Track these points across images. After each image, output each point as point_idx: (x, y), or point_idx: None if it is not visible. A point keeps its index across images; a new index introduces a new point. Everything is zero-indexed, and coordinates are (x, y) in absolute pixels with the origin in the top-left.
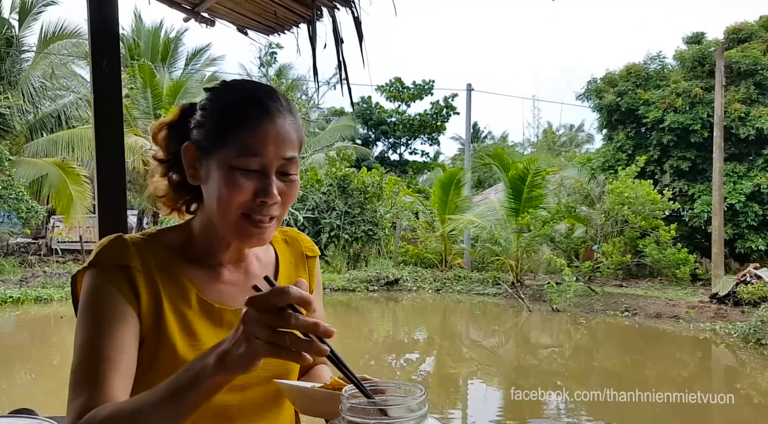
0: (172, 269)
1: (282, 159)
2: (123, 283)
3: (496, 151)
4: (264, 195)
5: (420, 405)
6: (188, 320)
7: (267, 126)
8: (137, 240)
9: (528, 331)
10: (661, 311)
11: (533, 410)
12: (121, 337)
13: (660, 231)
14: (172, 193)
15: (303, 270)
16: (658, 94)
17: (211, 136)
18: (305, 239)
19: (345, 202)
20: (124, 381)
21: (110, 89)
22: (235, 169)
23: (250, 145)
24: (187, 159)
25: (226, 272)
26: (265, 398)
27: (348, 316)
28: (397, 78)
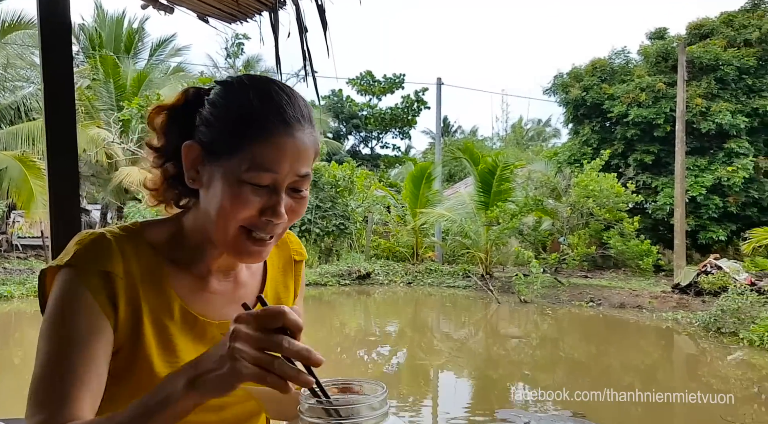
0: (157, 276)
1: (296, 176)
2: (101, 291)
3: (466, 145)
4: (272, 214)
5: (381, 403)
6: (169, 333)
7: (286, 140)
8: (120, 238)
9: (497, 322)
10: (625, 301)
11: (502, 400)
12: (94, 353)
13: (624, 223)
14: (166, 186)
15: (290, 275)
16: (622, 88)
17: (221, 141)
18: (294, 241)
19: (316, 196)
20: (92, 400)
21: (62, 79)
22: (244, 183)
23: (265, 159)
24: (189, 160)
25: (214, 280)
26: (242, 416)
27: (320, 310)
28: (368, 71)
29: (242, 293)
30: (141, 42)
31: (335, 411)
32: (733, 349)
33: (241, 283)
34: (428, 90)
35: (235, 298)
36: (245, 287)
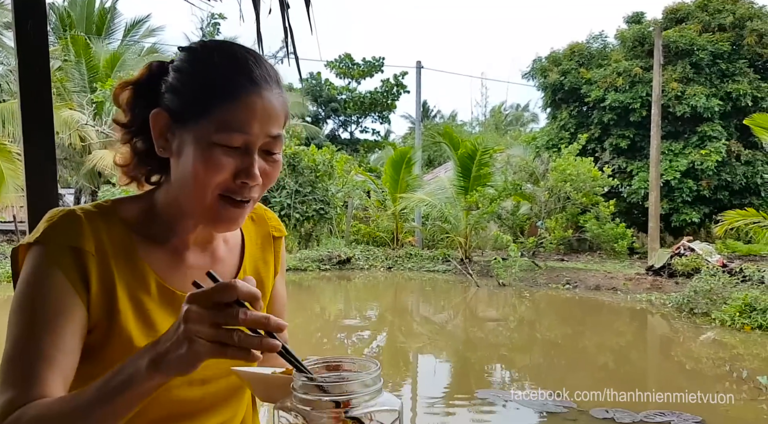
0: (130, 251)
1: (267, 137)
2: (72, 268)
3: (445, 130)
4: (246, 176)
5: (375, 380)
6: (146, 308)
7: (254, 99)
8: (91, 214)
9: (476, 305)
10: (601, 284)
11: (481, 381)
12: (63, 332)
13: (600, 207)
14: (136, 162)
15: (269, 251)
16: (600, 73)
17: (189, 105)
18: (272, 218)
19: (296, 180)
20: (62, 379)
21: (37, 55)
22: (215, 145)
23: (235, 120)
24: (158, 128)
25: (190, 255)
26: (227, 390)
27: (300, 295)
28: (347, 54)
29: (220, 268)
30: (113, 22)
31: (328, 387)
32: (706, 329)
33: (219, 258)
34: (408, 74)
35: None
36: (223, 263)
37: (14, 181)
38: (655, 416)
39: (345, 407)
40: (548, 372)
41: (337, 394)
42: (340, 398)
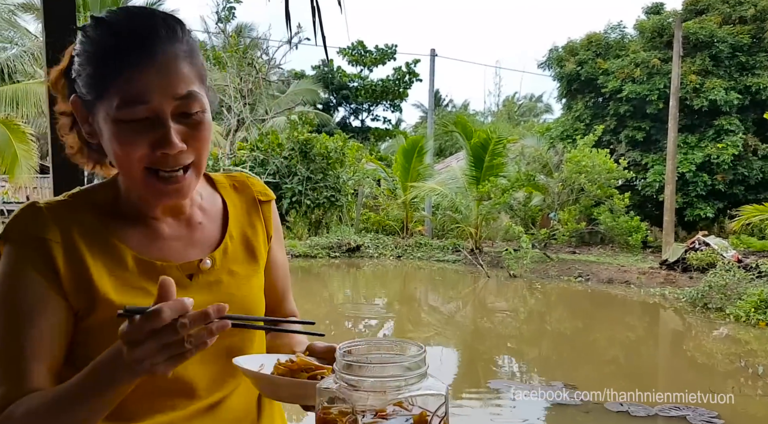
0: (102, 234)
1: (175, 99)
2: (38, 259)
3: (458, 119)
4: (162, 146)
5: (419, 364)
6: (129, 283)
7: (145, 65)
8: (55, 206)
9: (486, 296)
10: (613, 277)
11: (490, 372)
12: (42, 325)
13: (614, 199)
14: (85, 148)
15: (256, 217)
16: (617, 63)
17: (89, 87)
18: (256, 183)
19: (307, 167)
20: (48, 371)
21: (64, 34)
22: (120, 122)
23: (130, 91)
24: (78, 115)
25: (165, 226)
26: (226, 368)
27: (309, 282)
28: (360, 41)
29: (200, 235)
30: (127, 4)
31: (370, 370)
32: (720, 324)
33: (196, 225)
34: (420, 62)
35: (193, 241)
36: (202, 230)
37: (28, 162)
38: (669, 411)
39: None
40: (560, 365)
41: (379, 376)
42: (382, 381)
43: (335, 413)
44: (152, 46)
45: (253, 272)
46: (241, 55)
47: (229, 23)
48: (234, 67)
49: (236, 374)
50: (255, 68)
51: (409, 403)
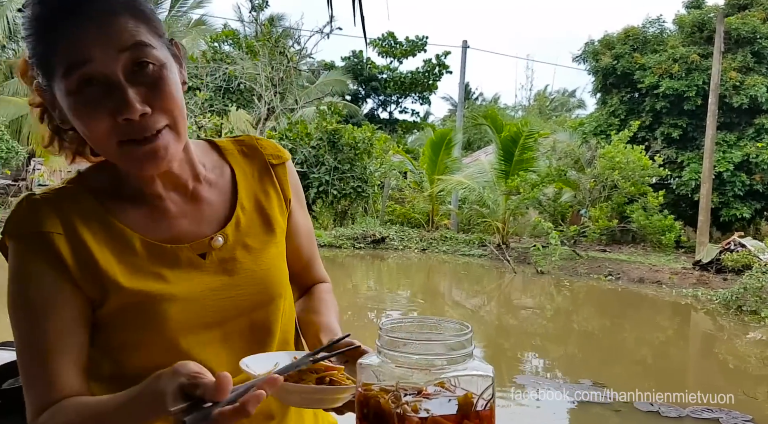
0: (106, 220)
1: (120, 53)
2: (43, 253)
3: (489, 112)
4: (122, 111)
5: (464, 344)
6: (140, 267)
7: (80, 25)
8: (52, 196)
9: (511, 292)
10: (644, 276)
11: (516, 369)
12: (61, 320)
13: (648, 197)
14: (58, 139)
15: (270, 182)
16: (654, 58)
17: (40, 68)
18: (268, 146)
19: (334, 157)
20: (74, 362)
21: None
22: (73, 94)
23: (70, 56)
24: (47, 103)
25: (170, 204)
26: (251, 327)
27: (333, 272)
28: (390, 33)
29: (209, 210)
30: None
31: (413, 347)
32: (754, 327)
33: (204, 200)
34: (451, 54)
35: (202, 217)
36: (211, 204)
37: None
38: (702, 412)
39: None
40: (589, 364)
41: (423, 354)
42: (426, 358)
43: (376, 390)
44: (84, 5)
45: (271, 243)
46: (273, 44)
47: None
48: (266, 56)
49: (263, 331)
50: (286, 57)
51: (452, 384)
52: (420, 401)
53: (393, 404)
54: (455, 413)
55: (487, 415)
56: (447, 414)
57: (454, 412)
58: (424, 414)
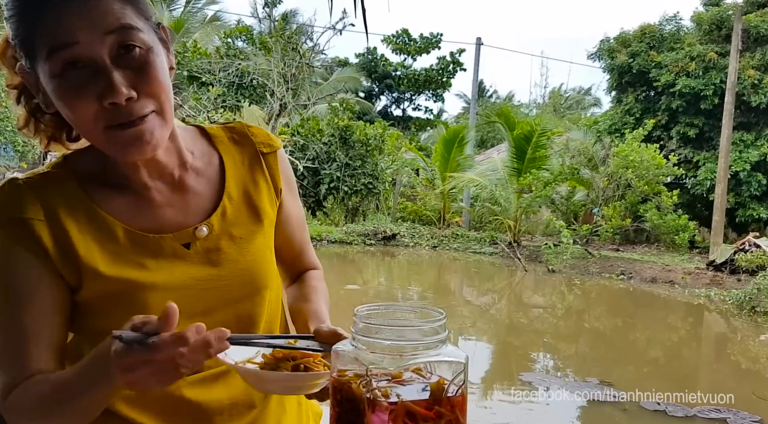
0: (87, 207)
1: (106, 36)
2: (24, 240)
3: (502, 110)
4: (108, 95)
5: (438, 329)
6: (122, 256)
7: (61, 5)
8: (36, 180)
9: (522, 290)
10: (657, 276)
11: (523, 366)
12: (39, 305)
13: (662, 197)
14: (34, 122)
15: (260, 171)
16: (671, 56)
17: (22, 49)
18: (260, 134)
19: (346, 153)
20: (51, 351)
21: None
22: (57, 77)
23: (53, 39)
24: (29, 85)
25: (155, 193)
26: (236, 318)
27: (344, 268)
28: (404, 29)
29: (194, 199)
30: None
31: (387, 333)
32: (767, 328)
33: (190, 188)
34: (465, 51)
35: (188, 206)
36: (197, 193)
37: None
38: (709, 412)
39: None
40: (597, 362)
41: (395, 339)
42: (398, 344)
43: (350, 376)
44: None
45: (258, 233)
46: (285, 40)
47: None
48: (278, 52)
49: (250, 323)
50: (299, 53)
51: (429, 371)
52: (393, 386)
53: (364, 389)
54: (427, 399)
55: (458, 400)
56: (419, 399)
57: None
58: (394, 399)
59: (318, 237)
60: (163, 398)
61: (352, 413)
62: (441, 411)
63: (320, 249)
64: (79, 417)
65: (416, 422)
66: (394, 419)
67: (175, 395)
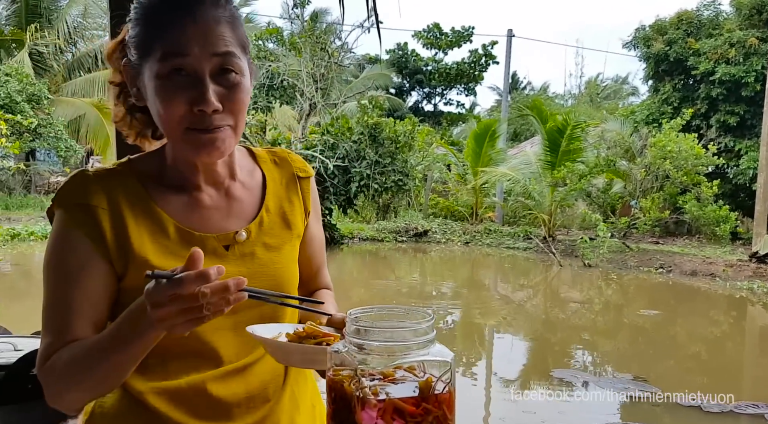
0: (146, 203)
1: (213, 56)
2: (86, 224)
3: (534, 102)
4: (199, 103)
5: (426, 330)
6: (169, 250)
7: (185, 21)
8: (103, 173)
9: (558, 285)
10: (698, 269)
11: (559, 362)
12: (86, 286)
13: (702, 187)
14: (129, 117)
15: (294, 191)
16: (710, 43)
17: (138, 49)
18: (297, 160)
19: (376, 151)
20: (90, 325)
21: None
22: (162, 78)
23: (170, 45)
24: (128, 79)
25: (206, 197)
26: (260, 319)
27: (376, 265)
28: (435, 24)
29: (237, 207)
30: None
31: (379, 334)
32: None
33: (236, 197)
34: (497, 44)
35: (232, 212)
36: (241, 202)
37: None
38: (746, 408)
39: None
40: (632, 358)
41: (384, 340)
42: (387, 344)
43: (343, 375)
44: (195, 7)
45: (287, 244)
46: (314, 40)
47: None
48: (307, 52)
49: (273, 322)
50: (327, 53)
51: (422, 370)
52: (384, 385)
53: (354, 387)
54: (416, 396)
55: (445, 397)
56: (408, 397)
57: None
58: (383, 397)
59: (350, 235)
60: (188, 390)
61: (345, 411)
62: (428, 408)
63: (352, 247)
64: (111, 375)
65: (405, 418)
66: (382, 415)
67: (199, 388)
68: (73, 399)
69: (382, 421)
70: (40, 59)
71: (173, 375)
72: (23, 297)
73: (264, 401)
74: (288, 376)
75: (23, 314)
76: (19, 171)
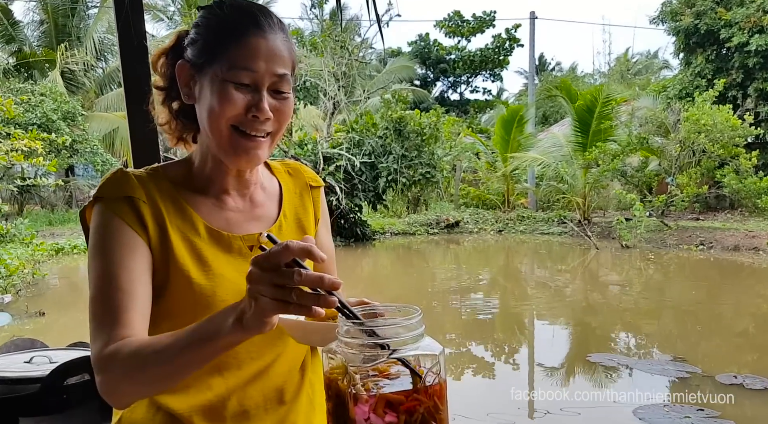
0: (179, 202)
1: (274, 75)
2: (129, 214)
3: (562, 82)
4: (256, 109)
5: (417, 325)
6: (198, 247)
7: (259, 41)
8: (140, 174)
9: (596, 268)
10: (740, 244)
11: (600, 346)
12: (134, 267)
13: (740, 159)
14: (173, 120)
15: (308, 200)
16: (741, 12)
17: (204, 51)
18: (308, 171)
19: (401, 145)
20: (141, 310)
21: (134, 32)
22: (226, 82)
23: (242, 58)
24: (182, 78)
25: (230, 200)
26: (265, 338)
27: (409, 258)
28: (456, 11)
29: (260, 212)
30: None
31: (372, 331)
32: None
33: (258, 203)
34: (521, 26)
35: (254, 216)
36: (262, 207)
37: None
38: None
39: (389, 350)
40: (673, 338)
41: (381, 337)
42: (383, 341)
43: (338, 373)
44: (266, 27)
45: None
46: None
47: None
48: (328, 51)
49: (276, 343)
50: (348, 50)
51: (418, 364)
52: (380, 380)
53: (347, 384)
54: (408, 389)
55: (436, 389)
56: (401, 390)
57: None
58: (375, 392)
59: (381, 230)
60: (206, 392)
61: (342, 407)
62: (419, 399)
63: (384, 242)
64: (177, 371)
65: (397, 410)
66: (374, 409)
67: (217, 391)
68: (130, 391)
69: (375, 415)
70: (72, 77)
71: (194, 380)
72: (70, 308)
73: (279, 402)
74: (304, 377)
75: (67, 326)
76: (59, 187)
